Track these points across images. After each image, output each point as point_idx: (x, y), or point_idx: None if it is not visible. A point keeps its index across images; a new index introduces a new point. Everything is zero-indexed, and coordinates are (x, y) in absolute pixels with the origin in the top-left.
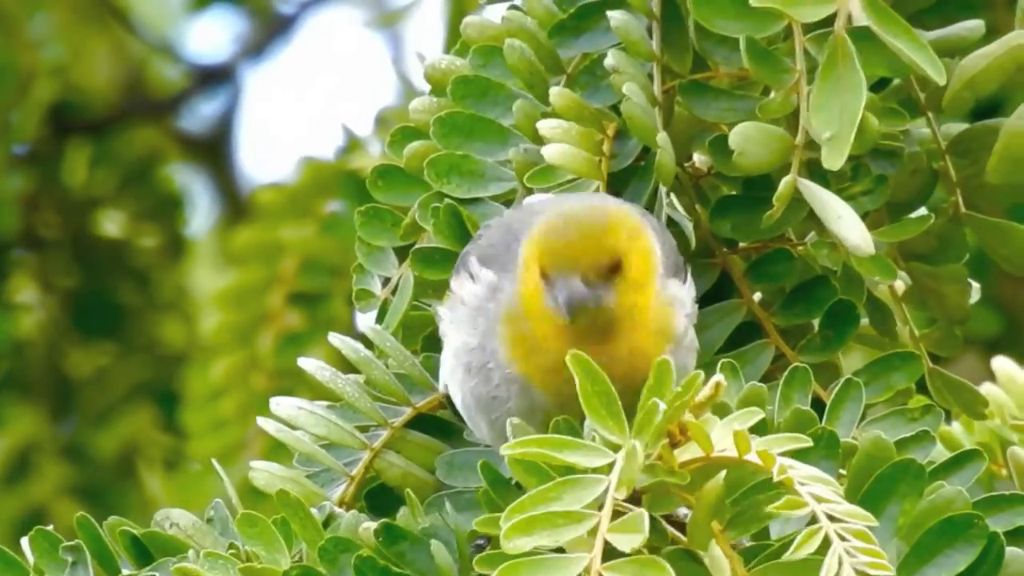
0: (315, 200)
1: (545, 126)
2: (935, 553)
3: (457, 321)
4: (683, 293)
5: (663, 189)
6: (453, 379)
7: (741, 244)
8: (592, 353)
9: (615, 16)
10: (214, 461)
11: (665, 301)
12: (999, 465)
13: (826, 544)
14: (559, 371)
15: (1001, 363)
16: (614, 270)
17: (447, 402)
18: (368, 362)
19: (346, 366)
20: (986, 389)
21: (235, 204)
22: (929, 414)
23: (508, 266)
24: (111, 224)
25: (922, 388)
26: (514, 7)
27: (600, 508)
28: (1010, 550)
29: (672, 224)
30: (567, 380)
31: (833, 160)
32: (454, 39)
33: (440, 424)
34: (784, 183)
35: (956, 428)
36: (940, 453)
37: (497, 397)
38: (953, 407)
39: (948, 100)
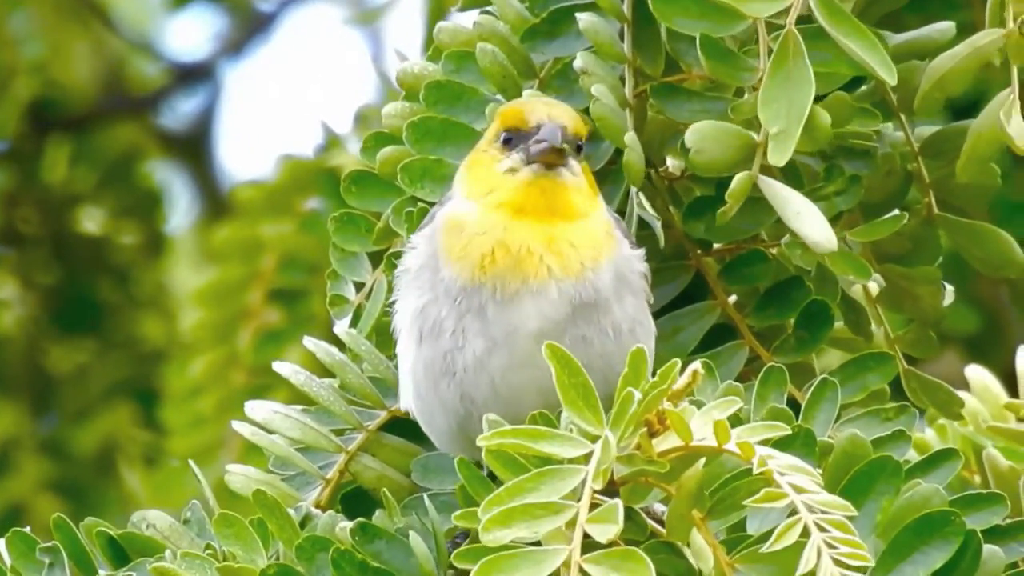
0: (294, 197)
1: None
2: (912, 550)
3: (404, 290)
4: (636, 259)
5: (633, 191)
6: (404, 368)
7: (715, 245)
8: (517, 220)
9: (584, 18)
10: (191, 463)
11: (609, 220)
12: (972, 472)
13: (806, 534)
14: (484, 245)
15: (975, 372)
16: (578, 151)
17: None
18: (343, 366)
19: (321, 369)
20: (961, 396)
21: (215, 201)
22: (904, 414)
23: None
24: (91, 221)
25: (898, 391)
26: (486, 12)
27: (578, 499)
28: (987, 547)
29: (644, 226)
30: (492, 254)
31: (779, 155)
32: (433, 38)
33: (415, 427)
34: (738, 179)
35: (930, 435)
36: (913, 458)
37: (448, 351)
38: (929, 407)
39: (920, 101)
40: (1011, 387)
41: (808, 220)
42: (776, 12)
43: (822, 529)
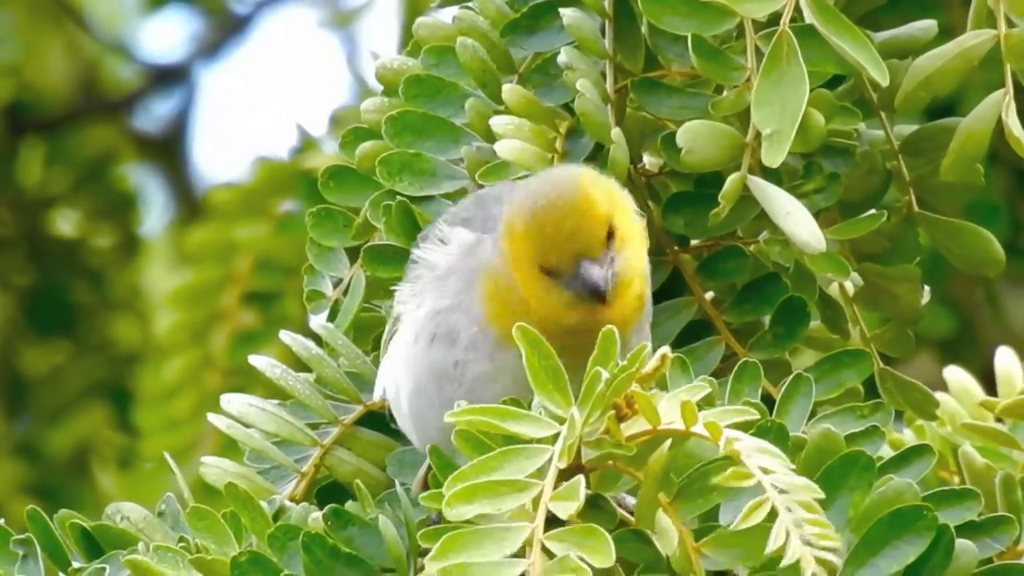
0: (269, 200)
1: (498, 123)
2: (884, 544)
3: (424, 289)
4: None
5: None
6: (407, 360)
7: (693, 242)
8: (587, 319)
9: (568, 13)
10: (167, 455)
11: (641, 293)
12: (950, 472)
13: (774, 515)
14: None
15: (953, 372)
16: (609, 236)
17: (388, 415)
18: (319, 360)
19: (298, 364)
20: (938, 397)
21: (189, 203)
22: (879, 411)
23: (487, 227)
24: (65, 223)
25: (873, 391)
26: (466, 7)
27: (543, 478)
28: (960, 542)
29: None
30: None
31: (773, 156)
32: (409, 38)
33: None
34: (731, 180)
35: (907, 435)
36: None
37: (459, 362)
38: (904, 408)
39: (901, 100)
40: (988, 388)
41: (798, 220)
42: (769, 12)
43: (790, 510)
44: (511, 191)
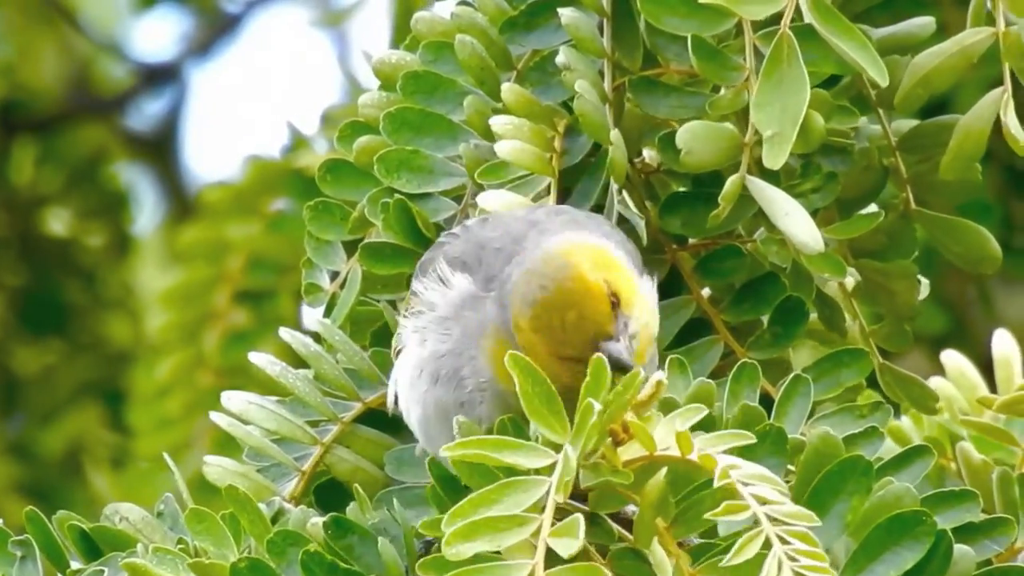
0: (261, 198)
1: (497, 123)
2: (883, 550)
3: (424, 328)
4: (652, 291)
5: (614, 186)
6: (413, 391)
7: (691, 241)
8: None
9: (566, 13)
10: (166, 455)
11: (652, 303)
12: (948, 459)
13: (768, 546)
14: None
15: (951, 357)
16: (615, 306)
17: (395, 410)
18: (318, 357)
19: (294, 361)
20: (936, 383)
21: (181, 203)
22: (878, 411)
23: (488, 286)
24: (57, 222)
25: (873, 384)
26: (464, 3)
27: (542, 511)
28: (958, 547)
29: (623, 221)
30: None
31: (774, 158)
32: (400, 38)
33: (389, 420)
34: (731, 181)
35: (905, 423)
36: (889, 448)
37: (465, 403)
38: (904, 402)
39: (900, 97)
40: (984, 379)
41: (796, 220)
42: (770, 14)
43: (784, 541)
44: (511, 250)
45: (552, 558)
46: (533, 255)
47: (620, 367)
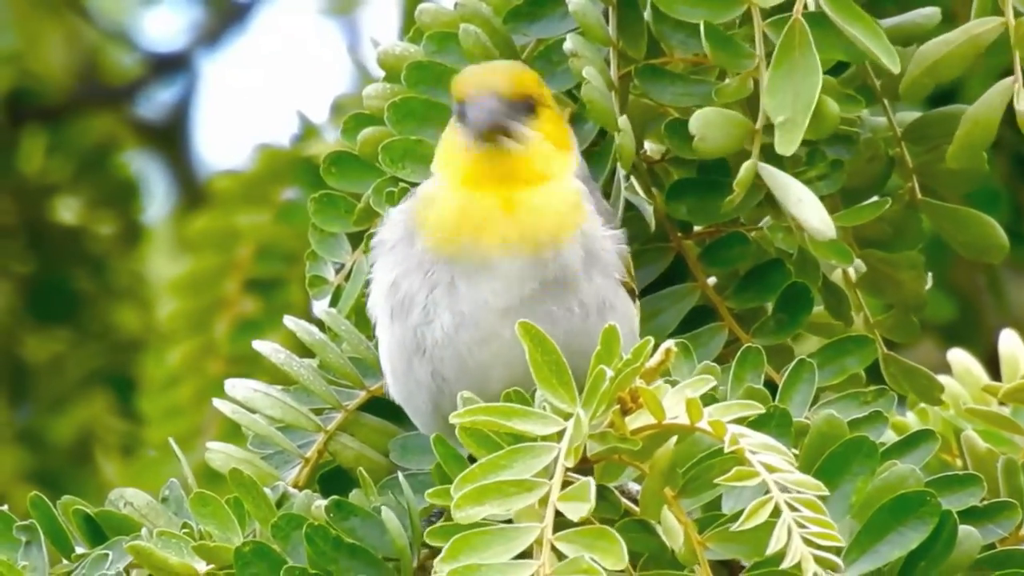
0: (271, 187)
1: None
2: (887, 531)
3: (379, 263)
4: (609, 238)
5: (621, 172)
6: (383, 354)
7: (696, 228)
8: (478, 191)
9: (573, 0)
10: (171, 440)
11: (579, 189)
12: (952, 455)
13: (777, 513)
14: (452, 216)
15: (957, 355)
16: (529, 109)
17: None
18: (323, 345)
19: (301, 350)
20: (941, 381)
21: (191, 191)
22: (882, 397)
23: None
24: (67, 211)
25: (876, 378)
26: None
27: (550, 477)
28: (963, 528)
29: (630, 207)
30: (459, 225)
31: (786, 144)
32: (410, 25)
33: (393, 407)
34: (745, 168)
35: (910, 418)
36: (891, 440)
37: (418, 326)
38: (908, 393)
39: (906, 87)
40: (991, 372)
41: (809, 207)
42: (779, 1)
43: (793, 509)
44: None
45: (559, 526)
46: None
47: (478, 122)
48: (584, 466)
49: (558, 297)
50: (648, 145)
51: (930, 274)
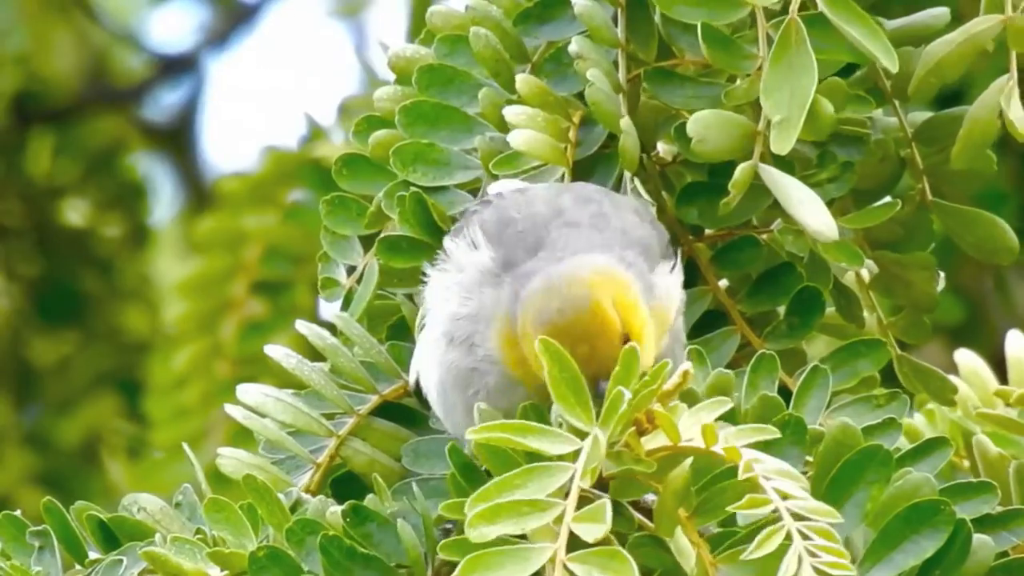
0: (278, 189)
1: (511, 112)
2: (902, 539)
3: (449, 287)
4: (672, 281)
5: (627, 175)
6: (432, 354)
7: (707, 231)
8: None
9: (579, 2)
10: (185, 445)
11: (658, 301)
12: (960, 457)
13: (788, 540)
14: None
15: (964, 356)
16: (624, 342)
17: (415, 392)
18: (334, 349)
19: (310, 353)
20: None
21: (198, 193)
22: (895, 401)
23: (506, 265)
24: (74, 213)
25: (890, 378)
26: None
27: (565, 496)
28: (977, 537)
29: None
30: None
31: (781, 143)
32: (418, 28)
33: (406, 412)
34: (741, 169)
35: (919, 420)
36: (903, 446)
37: (477, 369)
38: (922, 393)
39: (914, 87)
40: (998, 373)
41: (810, 209)
42: (781, 1)
43: (805, 536)
44: (533, 239)
45: (573, 544)
46: (557, 269)
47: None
48: (599, 482)
49: None
50: (660, 147)
51: (942, 275)
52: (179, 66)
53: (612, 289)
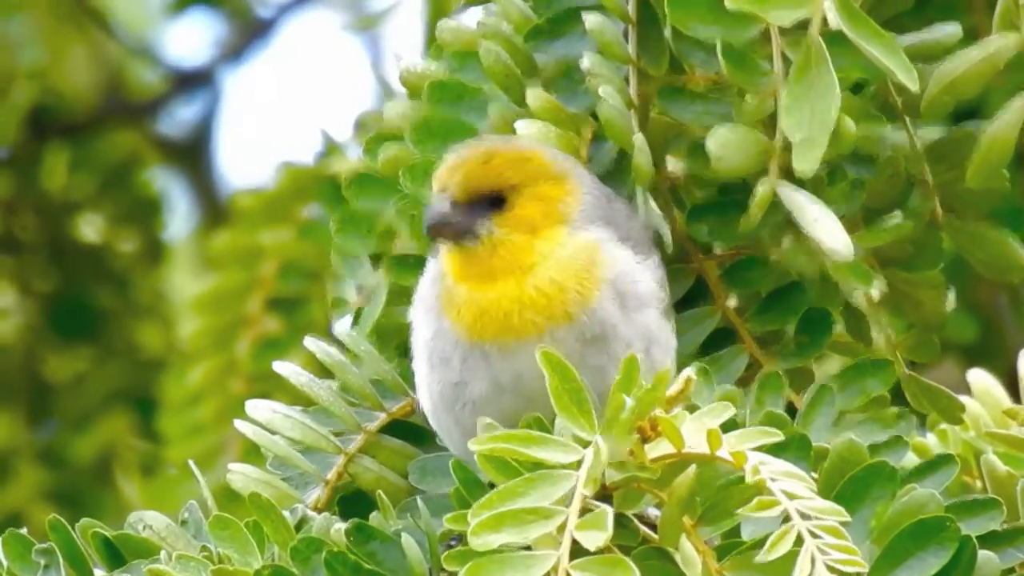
0: (294, 205)
1: (523, 126)
2: (907, 556)
3: (418, 317)
4: (641, 268)
5: (641, 192)
6: (421, 380)
7: (717, 250)
8: (479, 290)
9: (590, 19)
10: (190, 462)
11: (590, 241)
12: (972, 477)
13: (799, 541)
14: (470, 313)
15: (977, 375)
16: (495, 203)
17: (422, 415)
18: (343, 367)
19: (321, 370)
20: (962, 402)
21: (214, 208)
22: (903, 420)
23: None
24: (89, 228)
25: (899, 397)
26: (489, 11)
27: (568, 504)
28: (982, 553)
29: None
30: (480, 320)
31: (804, 163)
32: (433, 42)
33: (413, 430)
34: (761, 187)
35: (930, 439)
36: (913, 463)
37: (458, 383)
38: (930, 412)
39: (926, 104)
40: (1012, 392)
41: (826, 227)
42: (797, 19)
43: (815, 536)
44: None
45: (576, 553)
46: None
47: (426, 221)
48: (603, 493)
49: (602, 350)
50: (671, 163)
51: (952, 293)
52: (195, 81)
53: (531, 152)
